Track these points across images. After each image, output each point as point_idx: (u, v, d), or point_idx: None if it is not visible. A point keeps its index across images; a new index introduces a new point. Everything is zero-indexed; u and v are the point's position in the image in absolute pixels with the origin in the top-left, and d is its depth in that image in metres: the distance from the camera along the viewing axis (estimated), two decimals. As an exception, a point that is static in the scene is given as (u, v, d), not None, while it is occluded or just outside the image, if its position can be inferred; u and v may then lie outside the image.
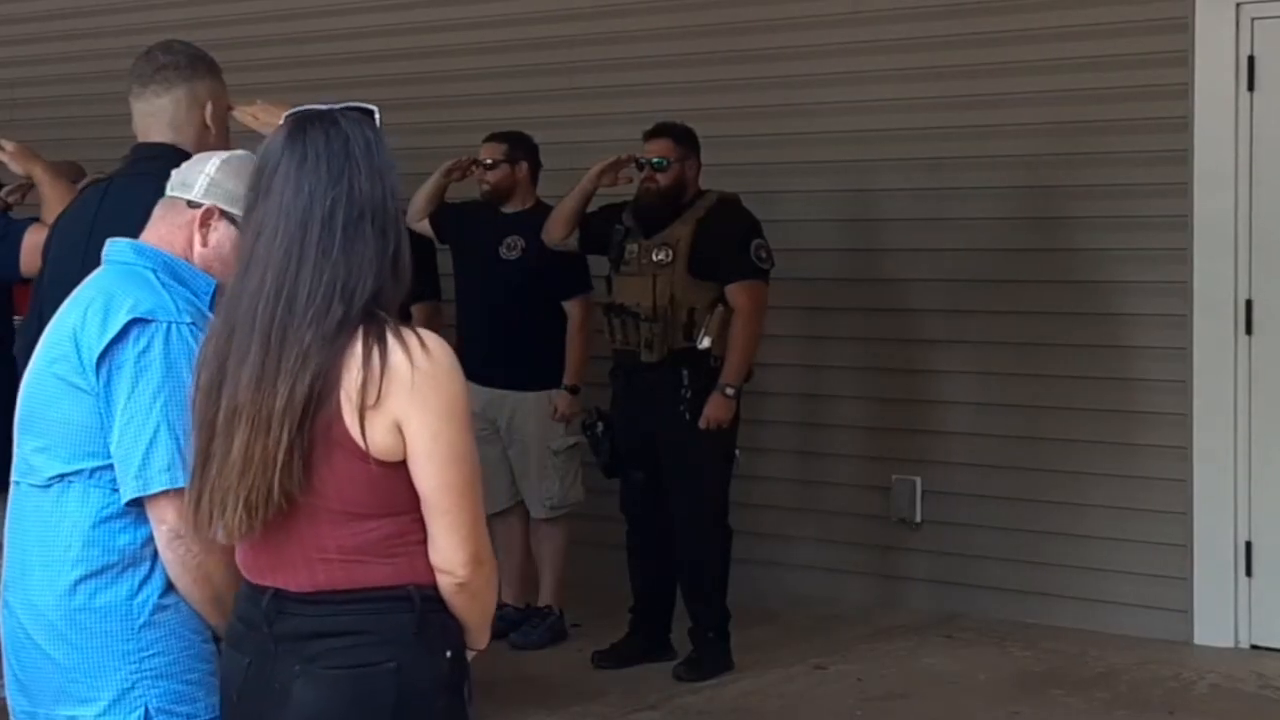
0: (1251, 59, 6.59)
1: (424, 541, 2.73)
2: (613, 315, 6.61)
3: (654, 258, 6.47)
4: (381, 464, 2.68)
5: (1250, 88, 6.60)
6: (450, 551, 2.72)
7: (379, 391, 2.65)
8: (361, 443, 2.67)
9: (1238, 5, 6.59)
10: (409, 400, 2.66)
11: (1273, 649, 6.59)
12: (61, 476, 3.00)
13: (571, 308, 7.00)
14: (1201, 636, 6.69)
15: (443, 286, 7.36)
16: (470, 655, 2.87)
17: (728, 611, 6.54)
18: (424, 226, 7.06)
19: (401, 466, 2.70)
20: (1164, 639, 6.70)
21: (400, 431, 2.68)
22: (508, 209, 7.03)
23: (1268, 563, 6.63)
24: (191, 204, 3.13)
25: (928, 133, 7.18)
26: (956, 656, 6.65)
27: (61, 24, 9.79)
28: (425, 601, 2.74)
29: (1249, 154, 6.59)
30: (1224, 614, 6.67)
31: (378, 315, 2.69)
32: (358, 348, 2.67)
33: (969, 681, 6.35)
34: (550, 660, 6.55)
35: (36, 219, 5.39)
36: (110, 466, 2.97)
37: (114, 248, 3.16)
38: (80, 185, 5.69)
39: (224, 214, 3.12)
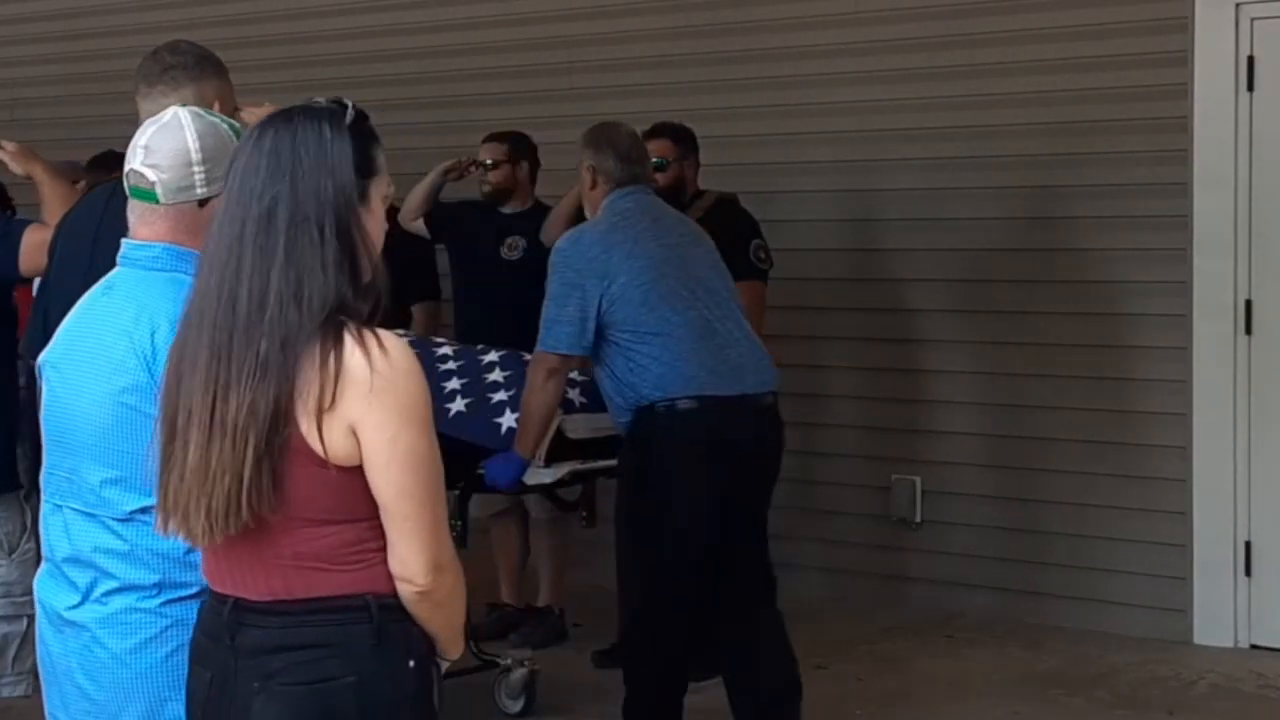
0: (1251, 59, 6.60)
1: (383, 549, 2.67)
2: (612, 315, 6.60)
3: (653, 257, 6.46)
4: (340, 469, 2.62)
5: (1250, 88, 6.60)
6: (410, 558, 2.65)
7: (334, 395, 2.58)
8: (319, 448, 2.60)
9: (1237, 5, 6.59)
10: (364, 403, 2.59)
11: (1272, 649, 6.59)
12: (145, 509, 2.95)
13: (572, 308, 6.99)
14: (1201, 636, 6.69)
15: (441, 286, 7.36)
16: (444, 666, 2.81)
17: (728, 611, 6.54)
18: (418, 226, 7.05)
19: (360, 471, 2.63)
20: (1164, 639, 6.70)
21: (356, 435, 2.61)
22: (507, 209, 7.02)
23: (1267, 562, 6.63)
24: (203, 202, 3.05)
25: (927, 133, 7.18)
26: (956, 656, 6.65)
27: (62, 24, 9.79)
28: (383, 611, 2.67)
29: (1249, 154, 6.59)
30: (1223, 614, 6.67)
31: (336, 319, 2.62)
32: (315, 351, 2.60)
33: (969, 681, 6.36)
34: (550, 660, 6.54)
35: (37, 218, 5.39)
36: None
37: (147, 251, 3.07)
38: (78, 183, 5.70)
39: None
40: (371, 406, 2.59)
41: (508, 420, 5.50)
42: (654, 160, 6.51)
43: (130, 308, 3.02)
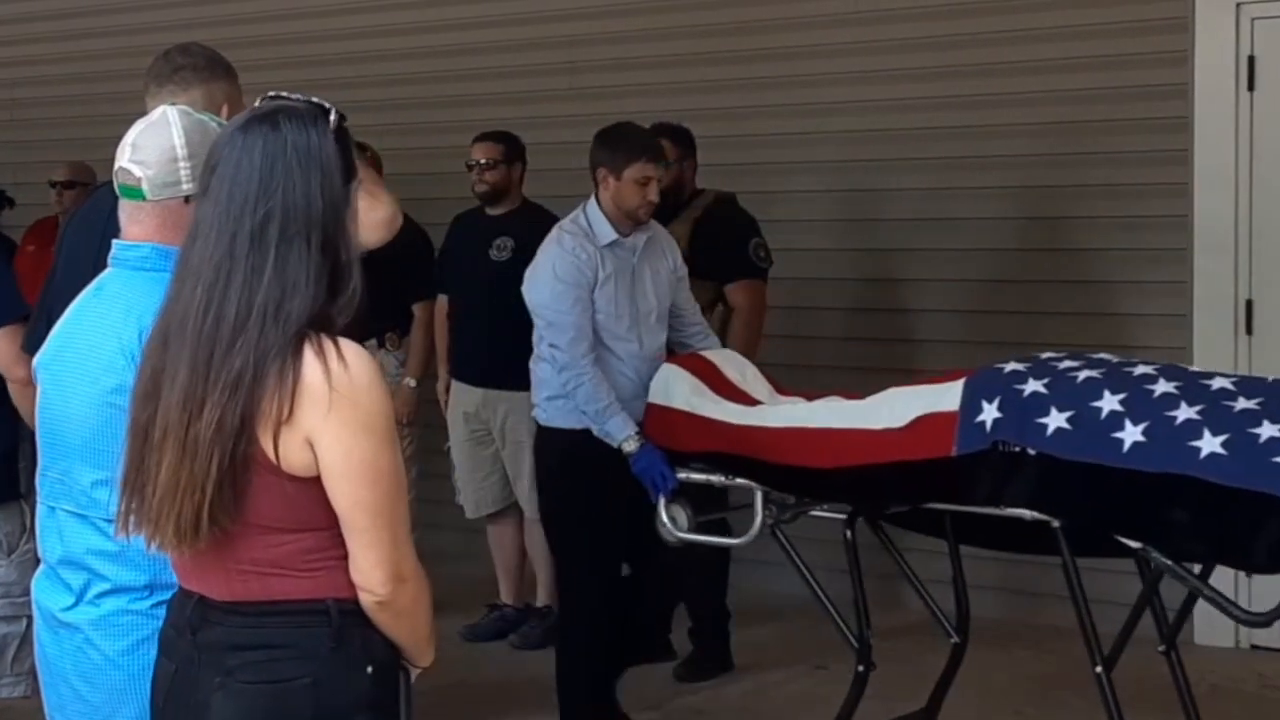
0: (1251, 59, 6.60)
1: (346, 555, 2.66)
2: (612, 315, 6.59)
3: (653, 258, 6.46)
4: (295, 480, 2.61)
5: (1250, 87, 6.60)
6: (368, 569, 2.65)
7: (291, 407, 2.57)
8: (274, 458, 2.59)
9: (1238, 5, 6.60)
10: (321, 416, 2.58)
11: (1273, 649, 6.58)
12: None
13: (567, 307, 6.98)
14: (1202, 637, 6.68)
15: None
16: (414, 674, 2.81)
17: (727, 611, 6.54)
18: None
19: (317, 482, 2.62)
20: (1164, 639, 6.68)
21: (313, 448, 2.60)
22: (496, 210, 7.00)
23: (1268, 563, 6.62)
24: (189, 198, 3.05)
25: (927, 133, 7.18)
26: (957, 656, 6.62)
27: (62, 24, 9.79)
28: (344, 615, 2.67)
29: (1249, 154, 6.60)
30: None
31: (304, 331, 2.60)
32: (278, 364, 2.58)
33: (969, 681, 6.34)
34: (550, 660, 6.52)
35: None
36: None
37: (135, 251, 3.11)
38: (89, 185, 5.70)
39: None
40: (327, 420, 2.58)
41: None
42: (653, 161, 6.53)
43: (118, 308, 3.05)
